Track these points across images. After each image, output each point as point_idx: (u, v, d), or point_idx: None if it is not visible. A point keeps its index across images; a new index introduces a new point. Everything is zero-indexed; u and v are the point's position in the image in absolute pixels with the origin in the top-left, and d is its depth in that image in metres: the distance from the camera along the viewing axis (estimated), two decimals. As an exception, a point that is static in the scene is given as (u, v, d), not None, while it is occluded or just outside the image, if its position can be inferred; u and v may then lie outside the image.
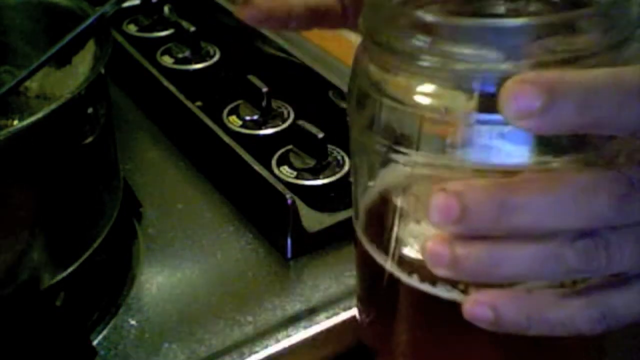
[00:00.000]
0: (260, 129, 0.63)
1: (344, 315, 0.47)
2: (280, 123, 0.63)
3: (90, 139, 0.46)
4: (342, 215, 0.53)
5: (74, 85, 0.44)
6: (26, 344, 0.45)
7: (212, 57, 0.72)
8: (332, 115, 0.60)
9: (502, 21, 0.27)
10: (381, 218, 0.32)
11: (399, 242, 0.31)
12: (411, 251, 0.31)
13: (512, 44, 0.26)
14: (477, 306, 0.28)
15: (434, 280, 0.30)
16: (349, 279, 0.50)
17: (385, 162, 0.31)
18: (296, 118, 0.63)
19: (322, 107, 0.64)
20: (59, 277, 0.45)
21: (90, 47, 0.47)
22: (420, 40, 0.27)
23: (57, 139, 0.43)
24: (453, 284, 0.30)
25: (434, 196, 0.26)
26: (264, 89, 0.63)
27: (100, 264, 0.49)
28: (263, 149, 0.59)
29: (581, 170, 0.26)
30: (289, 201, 0.50)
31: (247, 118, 0.63)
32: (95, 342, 0.46)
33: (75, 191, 0.46)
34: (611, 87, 0.25)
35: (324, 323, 0.47)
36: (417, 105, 0.28)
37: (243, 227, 0.55)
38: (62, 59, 0.49)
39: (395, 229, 0.31)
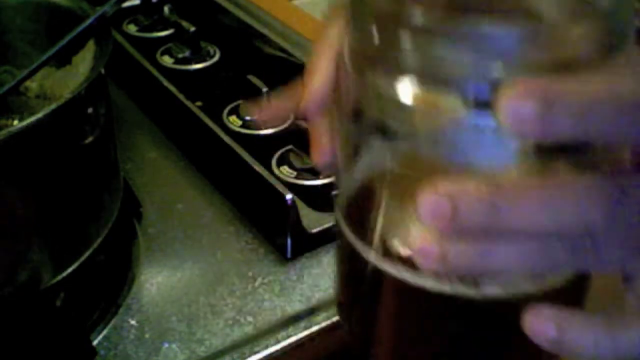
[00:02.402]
0: (260, 129, 0.63)
1: (344, 315, 0.47)
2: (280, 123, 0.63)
3: (90, 139, 0.46)
4: (342, 215, 0.53)
5: (74, 85, 0.44)
6: (26, 344, 0.45)
7: (212, 57, 0.72)
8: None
9: (496, 26, 0.27)
10: (364, 207, 0.32)
11: (383, 232, 0.31)
12: (395, 241, 0.31)
13: (506, 47, 0.26)
14: (541, 322, 0.27)
15: (420, 270, 0.30)
16: (349, 279, 0.50)
17: (369, 150, 0.31)
18: (296, 118, 0.63)
19: (322, 107, 0.64)
20: (59, 277, 0.45)
21: (90, 47, 0.47)
22: (404, 35, 0.27)
23: (57, 139, 0.43)
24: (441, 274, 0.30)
25: (424, 195, 0.26)
26: (264, 89, 0.63)
27: (100, 264, 0.49)
28: (263, 149, 0.59)
29: (573, 175, 0.26)
30: (289, 201, 0.50)
31: (247, 118, 0.63)
32: (95, 342, 0.46)
33: (75, 191, 0.46)
34: (607, 97, 0.25)
35: (324, 323, 0.47)
36: (404, 96, 0.28)
37: (243, 227, 0.55)
38: (62, 59, 0.49)
39: (379, 217, 0.31)
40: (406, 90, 0.28)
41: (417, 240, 0.27)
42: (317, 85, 0.34)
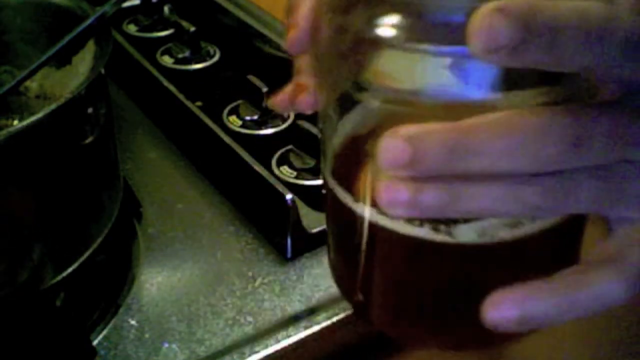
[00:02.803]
0: (260, 129, 0.63)
1: (344, 315, 0.47)
2: (280, 123, 0.63)
3: (90, 139, 0.46)
4: (342, 215, 0.53)
5: (74, 85, 0.44)
6: (26, 344, 0.45)
7: (212, 57, 0.73)
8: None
9: None
10: (351, 161, 0.32)
11: (370, 184, 0.31)
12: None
13: None
14: (499, 308, 0.27)
15: (415, 222, 0.29)
16: (349, 279, 0.50)
17: (352, 102, 0.31)
18: (296, 118, 0.63)
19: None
20: (59, 277, 0.45)
21: (90, 47, 0.47)
22: None
23: (57, 139, 0.43)
24: (435, 224, 0.29)
25: (383, 140, 0.25)
26: (264, 89, 0.63)
27: (100, 264, 0.49)
28: (263, 149, 0.59)
29: (534, 112, 0.26)
30: (289, 201, 0.50)
31: (247, 118, 0.63)
32: (95, 342, 0.46)
33: (75, 191, 0.46)
34: (578, 23, 0.24)
35: (324, 323, 0.47)
36: (378, 38, 0.28)
37: (243, 227, 0.55)
38: (62, 59, 0.49)
39: (368, 170, 0.31)
40: (389, 27, 0.27)
41: (383, 185, 0.26)
42: (301, 21, 0.33)
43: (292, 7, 0.34)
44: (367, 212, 0.31)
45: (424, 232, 0.29)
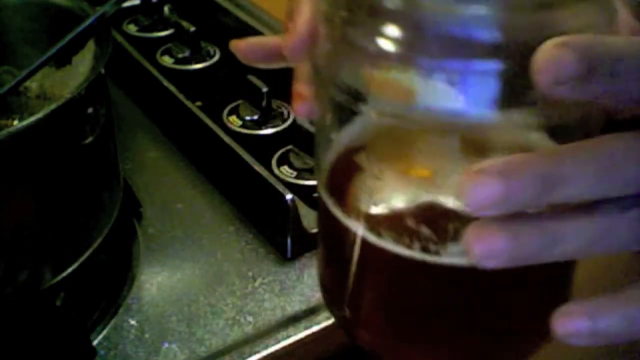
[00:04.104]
0: (260, 129, 0.63)
1: (344, 315, 0.47)
2: (280, 123, 0.63)
3: (90, 139, 0.46)
4: (342, 215, 0.53)
5: (74, 85, 0.44)
6: (26, 344, 0.45)
7: (212, 57, 0.73)
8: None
9: None
10: (344, 173, 0.31)
11: (366, 201, 0.31)
12: (376, 209, 0.31)
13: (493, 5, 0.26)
14: (572, 320, 0.26)
15: (405, 241, 0.29)
16: (349, 279, 0.50)
17: (348, 114, 0.31)
18: (296, 118, 0.63)
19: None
20: (59, 277, 0.45)
21: (90, 47, 0.47)
22: None
23: (57, 139, 0.43)
24: (425, 245, 0.29)
25: (469, 179, 0.24)
26: (264, 89, 0.63)
27: (100, 264, 0.49)
28: (263, 149, 0.59)
29: (615, 136, 0.25)
30: (289, 201, 0.50)
31: (247, 118, 0.63)
32: (95, 342, 0.46)
33: (75, 191, 0.46)
34: (638, 55, 0.24)
35: (324, 323, 0.47)
36: (376, 51, 0.27)
37: (243, 227, 0.55)
38: (62, 59, 0.49)
39: (360, 186, 0.30)
40: (385, 47, 0.27)
41: (473, 238, 0.24)
42: (300, 28, 0.32)
43: (292, 12, 0.33)
44: (357, 228, 0.30)
45: (413, 252, 0.29)
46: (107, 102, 0.49)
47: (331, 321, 0.47)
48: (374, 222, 0.30)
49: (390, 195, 0.30)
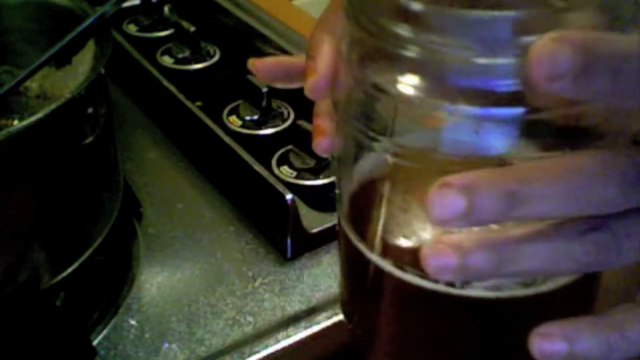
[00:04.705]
0: (260, 129, 0.63)
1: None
2: (280, 123, 0.63)
3: (90, 139, 0.46)
4: (342, 215, 0.53)
5: (74, 85, 0.44)
6: (26, 344, 0.45)
7: (212, 57, 0.73)
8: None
9: (488, 13, 0.25)
10: (366, 205, 0.32)
11: (385, 231, 0.31)
12: (399, 242, 0.31)
13: (500, 37, 0.26)
14: (549, 341, 0.26)
15: (423, 272, 0.29)
16: (349, 279, 0.50)
17: (370, 150, 0.31)
18: (296, 118, 0.63)
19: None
20: (59, 277, 0.45)
21: (90, 47, 0.47)
22: (404, 29, 0.26)
23: (57, 139, 0.43)
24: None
25: (435, 192, 0.24)
26: (264, 89, 0.63)
27: (100, 264, 0.49)
28: (263, 149, 0.59)
29: (588, 154, 0.25)
30: (289, 201, 0.50)
31: (247, 118, 0.63)
32: (95, 342, 0.46)
33: (75, 191, 0.46)
34: (639, 53, 0.23)
35: (324, 323, 0.47)
36: (397, 95, 0.28)
37: (243, 227, 0.55)
38: (62, 59, 0.49)
39: (381, 217, 0.31)
40: (407, 84, 0.27)
41: (429, 252, 0.25)
42: (322, 68, 0.32)
43: (313, 49, 0.33)
44: (381, 261, 0.31)
45: (437, 285, 0.29)
46: (107, 102, 0.49)
47: (331, 321, 0.47)
48: (399, 254, 0.31)
49: (417, 227, 0.30)
